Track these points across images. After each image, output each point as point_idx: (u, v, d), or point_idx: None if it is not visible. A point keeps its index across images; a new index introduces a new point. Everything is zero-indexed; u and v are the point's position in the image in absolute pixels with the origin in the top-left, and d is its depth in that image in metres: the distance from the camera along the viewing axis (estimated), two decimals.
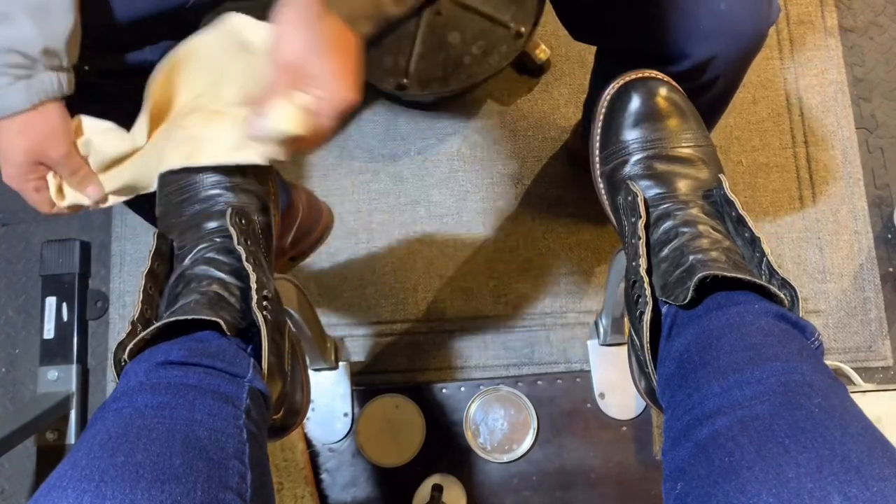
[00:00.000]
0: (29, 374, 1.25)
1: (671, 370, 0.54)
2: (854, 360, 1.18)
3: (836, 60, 1.31)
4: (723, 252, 0.58)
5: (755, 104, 1.29)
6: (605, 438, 1.13)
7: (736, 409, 0.45)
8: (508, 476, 1.13)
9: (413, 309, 1.22)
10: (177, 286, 0.59)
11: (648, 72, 0.67)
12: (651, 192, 0.64)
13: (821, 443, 0.41)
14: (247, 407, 0.50)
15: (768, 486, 0.40)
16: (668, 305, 0.58)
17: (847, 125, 1.28)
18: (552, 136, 1.28)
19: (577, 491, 1.12)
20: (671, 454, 0.49)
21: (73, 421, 1.21)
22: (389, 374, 1.19)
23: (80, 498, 0.39)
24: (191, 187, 0.64)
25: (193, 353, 0.51)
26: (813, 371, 0.47)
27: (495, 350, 1.20)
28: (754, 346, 0.49)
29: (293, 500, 1.07)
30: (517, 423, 1.14)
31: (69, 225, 1.31)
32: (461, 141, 1.29)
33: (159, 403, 0.46)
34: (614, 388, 1.13)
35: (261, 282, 0.57)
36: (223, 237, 0.61)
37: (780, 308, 0.53)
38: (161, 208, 0.65)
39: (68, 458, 0.43)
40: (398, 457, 1.13)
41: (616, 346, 1.12)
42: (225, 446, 0.46)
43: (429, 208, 1.26)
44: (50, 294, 1.25)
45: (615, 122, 0.67)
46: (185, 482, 0.42)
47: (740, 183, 1.26)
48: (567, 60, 1.32)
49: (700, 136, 0.66)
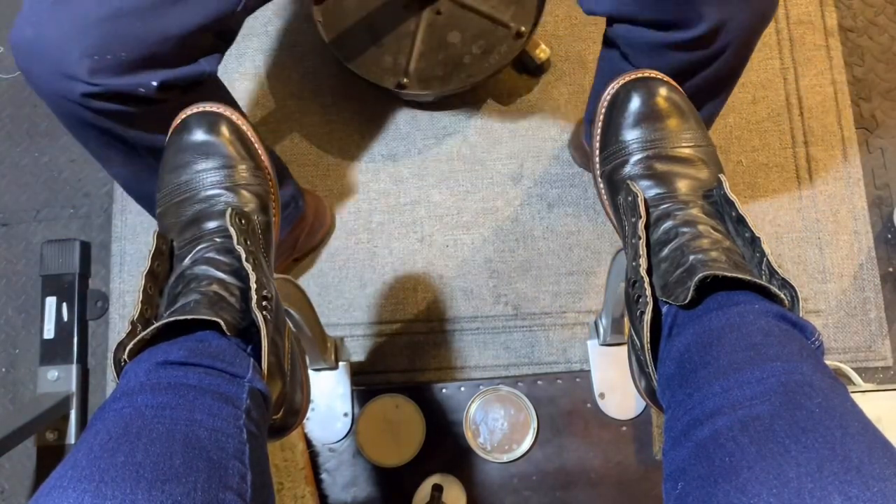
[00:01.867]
0: (29, 374, 1.25)
1: (671, 370, 0.54)
2: (854, 360, 1.18)
3: (836, 60, 1.31)
4: (723, 252, 0.58)
5: (755, 104, 1.29)
6: (605, 438, 1.13)
7: (736, 409, 0.45)
8: (508, 476, 1.13)
9: (413, 309, 1.22)
10: (177, 286, 0.59)
11: (648, 72, 0.67)
12: (651, 192, 0.64)
13: (821, 443, 0.41)
14: (247, 407, 0.50)
15: (769, 486, 0.40)
16: (668, 305, 0.58)
17: (847, 125, 1.28)
18: (552, 136, 1.28)
19: (577, 491, 1.11)
20: (671, 454, 0.49)
21: (73, 421, 1.21)
22: (389, 374, 1.19)
23: (80, 498, 0.39)
24: (191, 187, 0.64)
25: (193, 353, 0.51)
26: (813, 371, 0.47)
27: (495, 350, 1.20)
28: (755, 346, 0.49)
29: (293, 500, 1.07)
30: (517, 423, 1.14)
31: (69, 225, 1.31)
32: (461, 141, 1.29)
33: (159, 403, 0.46)
34: (614, 388, 1.13)
35: (260, 282, 0.57)
36: (223, 237, 0.61)
37: (780, 308, 0.53)
38: (161, 208, 0.65)
39: (68, 458, 0.43)
40: (398, 457, 1.13)
41: (616, 346, 1.12)
42: (225, 446, 0.46)
43: (429, 208, 1.26)
44: (50, 294, 1.25)
45: (615, 122, 0.67)
46: (185, 482, 0.42)
47: (740, 183, 1.26)
48: (567, 60, 1.32)
49: (700, 136, 0.66)
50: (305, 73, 1.33)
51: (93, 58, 0.66)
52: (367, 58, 1.19)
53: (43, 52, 0.67)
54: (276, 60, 1.34)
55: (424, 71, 1.18)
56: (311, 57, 1.34)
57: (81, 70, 0.67)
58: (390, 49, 1.19)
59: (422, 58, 1.19)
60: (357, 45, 1.19)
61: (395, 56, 1.19)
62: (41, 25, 0.66)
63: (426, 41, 1.19)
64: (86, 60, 0.66)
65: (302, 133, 1.31)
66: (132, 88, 0.70)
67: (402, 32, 1.20)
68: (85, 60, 0.66)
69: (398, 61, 1.19)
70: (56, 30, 0.66)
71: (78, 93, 0.68)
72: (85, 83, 0.68)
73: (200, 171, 0.64)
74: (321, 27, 1.20)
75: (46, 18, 0.66)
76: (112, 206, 1.29)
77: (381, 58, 1.19)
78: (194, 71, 0.74)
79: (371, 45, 1.20)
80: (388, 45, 1.20)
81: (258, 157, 0.67)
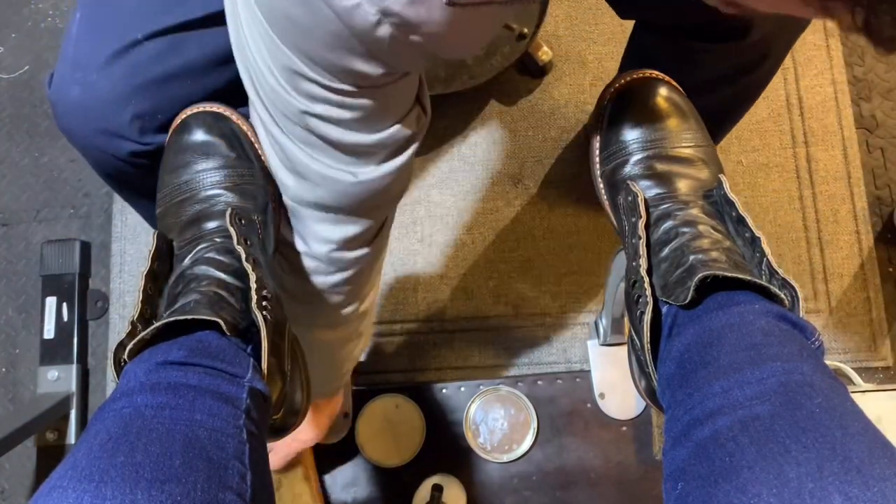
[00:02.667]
0: (29, 374, 1.25)
1: (671, 370, 0.54)
2: (854, 360, 1.18)
3: (837, 60, 1.31)
4: (723, 252, 0.58)
5: (755, 104, 1.29)
6: (605, 438, 1.13)
7: (736, 409, 0.45)
8: (508, 476, 1.13)
9: (413, 309, 1.21)
10: (176, 286, 0.59)
11: (649, 72, 0.67)
12: (651, 192, 0.64)
13: (821, 443, 0.41)
14: (247, 407, 0.50)
15: (769, 486, 0.40)
16: (668, 305, 0.58)
17: (847, 125, 1.28)
18: (553, 136, 1.28)
19: (577, 491, 1.11)
20: (671, 454, 0.49)
21: (73, 421, 1.21)
22: (389, 374, 1.19)
23: (80, 498, 0.39)
24: (190, 187, 0.64)
25: (193, 353, 0.51)
26: (813, 371, 0.47)
27: (495, 350, 1.20)
28: (755, 346, 0.49)
29: (291, 497, 1.07)
30: (517, 423, 1.14)
31: (69, 225, 1.31)
32: (461, 141, 1.29)
33: (159, 404, 0.46)
34: (614, 388, 1.13)
35: (260, 282, 0.57)
36: (223, 237, 0.61)
37: (780, 308, 0.53)
38: (161, 208, 0.65)
39: (68, 459, 0.43)
40: (398, 457, 1.13)
41: (616, 346, 1.12)
42: (225, 446, 0.46)
43: (429, 208, 1.26)
44: (50, 294, 1.25)
45: (615, 122, 0.67)
46: (184, 482, 0.42)
47: (740, 183, 1.26)
48: (568, 62, 1.31)
49: (700, 136, 0.66)
50: None
51: (144, 118, 0.66)
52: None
53: (92, 112, 0.66)
54: None
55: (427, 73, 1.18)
56: None
57: (132, 131, 0.66)
58: None
59: None
60: None
61: None
62: (90, 86, 0.65)
63: None
64: (137, 122, 0.66)
65: None
66: None
67: None
68: (136, 121, 0.66)
69: None
70: (108, 91, 0.65)
71: (126, 151, 0.68)
72: (135, 143, 0.67)
73: (200, 172, 0.64)
74: None
75: (96, 79, 0.65)
76: (112, 206, 1.29)
77: None
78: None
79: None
80: None
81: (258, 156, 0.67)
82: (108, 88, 0.65)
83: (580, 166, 1.26)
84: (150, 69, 0.66)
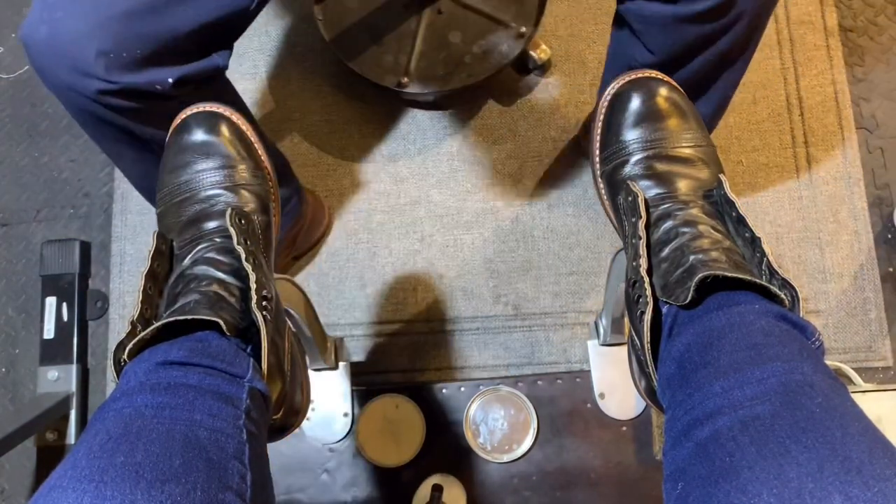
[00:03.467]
0: (29, 374, 1.25)
1: (672, 370, 0.54)
2: (854, 360, 1.18)
3: (837, 60, 1.31)
4: (723, 252, 0.58)
5: (755, 104, 1.29)
6: (605, 438, 1.13)
7: (737, 409, 0.45)
8: (508, 476, 1.13)
9: (413, 309, 1.21)
10: (176, 286, 0.59)
11: (649, 72, 0.67)
12: (651, 192, 0.64)
13: (822, 443, 0.41)
14: (247, 407, 0.50)
15: (769, 486, 0.40)
16: (668, 305, 0.58)
17: (847, 125, 1.28)
18: (552, 136, 1.28)
19: (577, 491, 1.11)
20: (672, 454, 0.49)
21: (73, 421, 1.21)
22: (389, 374, 1.19)
23: (80, 498, 0.39)
24: (191, 187, 0.64)
25: (193, 353, 0.51)
26: (814, 371, 0.47)
27: (495, 350, 1.19)
28: (755, 346, 0.49)
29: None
30: (517, 423, 1.14)
31: (69, 225, 1.31)
32: (461, 141, 1.29)
33: (159, 404, 0.46)
34: (614, 388, 1.13)
35: (260, 282, 0.57)
36: (223, 237, 0.61)
37: (780, 308, 0.53)
38: (161, 208, 0.66)
39: (68, 459, 0.43)
40: (398, 457, 1.13)
41: (616, 346, 1.12)
42: (225, 446, 0.46)
43: (429, 208, 1.26)
44: (50, 294, 1.25)
45: (615, 122, 0.67)
46: (184, 482, 0.42)
47: (740, 183, 1.26)
48: (567, 60, 1.31)
49: (700, 136, 0.66)
50: (305, 73, 1.33)
51: (109, 55, 0.67)
52: (368, 57, 1.19)
53: (59, 49, 0.67)
54: (276, 60, 1.34)
55: (425, 70, 1.18)
56: (311, 57, 1.34)
57: (98, 67, 0.67)
58: (391, 48, 1.19)
59: (422, 57, 1.19)
60: (357, 44, 1.19)
61: (396, 55, 1.19)
62: (56, 24, 0.66)
63: (427, 40, 1.19)
64: (102, 58, 0.67)
65: (302, 133, 1.30)
66: (148, 85, 0.70)
67: (402, 32, 1.20)
68: (101, 58, 0.67)
69: (399, 60, 1.19)
70: (72, 28, 0.66)
71: (94, 90, 0.69)
72: (101, 80, 0.68)
73: (200, 171, 0.64)
74: (321, 25, 1.20)
75: (61, 17, 0.66)
76: (112, 206, 1.29)
77: (382, 57, 1.19)
78: (208, 65, 0.74)
79: (372, 45, 1.20)
80: (388, 44, 1.20)
81: (258, 156, 0.67)
82: (73, 25, 0.66)
83: (580, 166, 1.26)
84: (112, 5, 0.66)
